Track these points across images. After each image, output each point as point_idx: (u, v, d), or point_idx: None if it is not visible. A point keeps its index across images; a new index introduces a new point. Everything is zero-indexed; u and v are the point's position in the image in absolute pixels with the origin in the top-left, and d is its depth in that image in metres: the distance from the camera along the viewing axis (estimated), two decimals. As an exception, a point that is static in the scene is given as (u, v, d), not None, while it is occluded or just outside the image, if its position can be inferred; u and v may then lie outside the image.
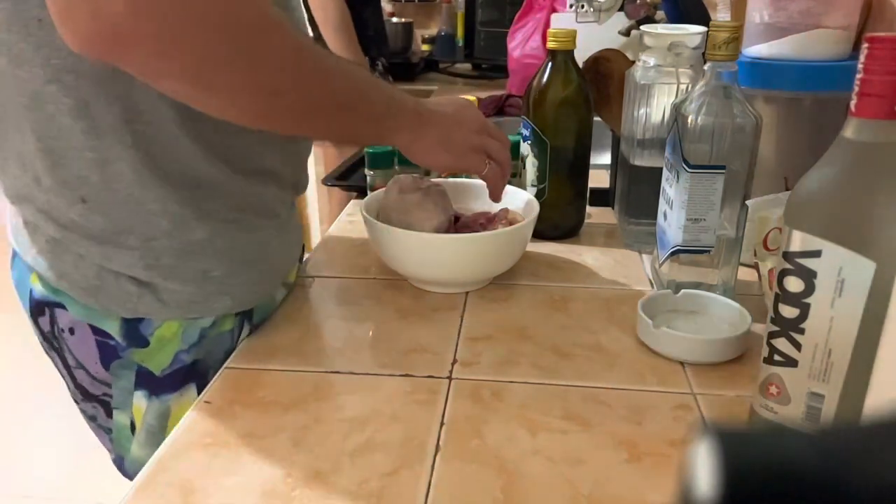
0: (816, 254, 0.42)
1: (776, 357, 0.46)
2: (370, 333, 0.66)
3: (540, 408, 0.54)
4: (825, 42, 0.72)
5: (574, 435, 0.51)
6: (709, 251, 0.67)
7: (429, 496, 0.46)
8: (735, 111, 0.62)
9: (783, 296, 0.45)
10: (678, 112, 0.65)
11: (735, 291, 0.69)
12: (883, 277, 0.40)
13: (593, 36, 1.06)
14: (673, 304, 0.66)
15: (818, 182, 0.43)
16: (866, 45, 0.39)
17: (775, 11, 0.74)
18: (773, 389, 0.47)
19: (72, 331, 0.61)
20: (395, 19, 2.57)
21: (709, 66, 0.63)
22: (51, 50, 0.51)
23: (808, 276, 0.43)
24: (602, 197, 0.97)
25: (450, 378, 0.59)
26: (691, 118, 0.63)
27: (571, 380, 0.58)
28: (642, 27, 0.79)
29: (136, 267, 0.58)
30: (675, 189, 0.65)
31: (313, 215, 2.27)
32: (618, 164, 0.89)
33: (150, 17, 0.43)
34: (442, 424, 0.53)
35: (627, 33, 1.19)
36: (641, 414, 0.54)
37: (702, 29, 0.74)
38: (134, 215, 0.56)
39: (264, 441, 0.51)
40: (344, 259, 0.83)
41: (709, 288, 0.68)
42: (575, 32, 0.82)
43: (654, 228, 0.74)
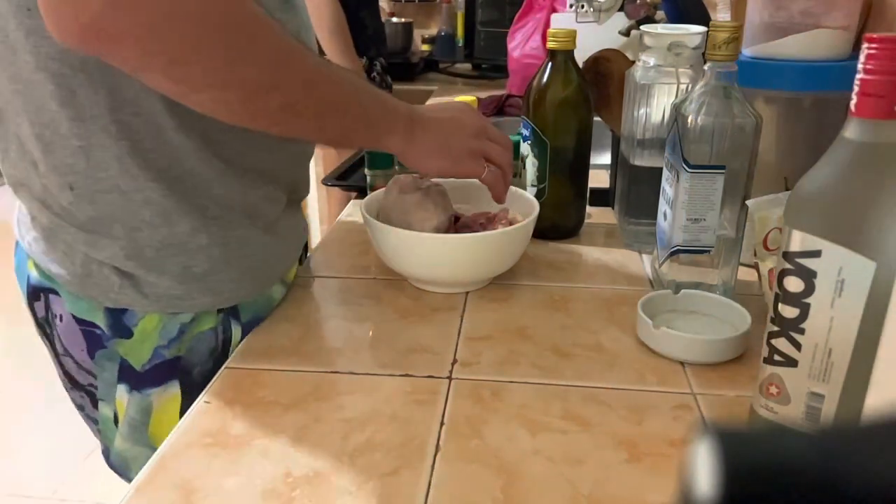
0: (816, 254, 0.42)
1: (776, 357, 0.46)
2: (370, 333, 0.66)
3: (540, 408, 0.54)
4: (825, 42, 0.72)
5: (574, 435, 0.51)
6: (709, 251, 0.67)
7: (429, 496, 0.46)
8: (735, 111, 0.62)
9: (783, 296, 0.45)
10: (678, 112, 0.65)
11: (735, 291, 0.69)
12: (883, 277, 0.40)
13: (593, 36, 1.06)
14: (673, 304, 0.66)
15: (818, 182, 0.43)
16: (866, 45, 0.39)
17: (775, 11, 0.74)
18: (773, 389, 0.47)
19: (61, 317, 0.63)
20: (395, 19, 2.57)
21: (709, 66, 0.63)
22: (39, 38, 0.52)
23: (808, 276, 0.43)
24: (602, 197, 0.97)
25: (450, 378, 0.59)
26: (691, 118, 0.63)
27: (571, 380, 0.58)
28: (642, 27, 0.79)
29: (119, 257, 0.59)
30: (675, 189, 0.65)
31: (313, 215, 2.27)
32: (618, 164, 0.89)
33: (130, 12, 0.44)
34: (442, 424, 0.53)
35: (627, 33, 1.19)
36: (641, 414, 0.54)
37: (702, 29, 0.74)
38: (119, 205, 0.57)
39: (264, 441, 0.51)
40: (344, 259, 0.83)
41: (709, 288, 0.68)
42: (575, 32, 0.82)
43: (654, 228, 0.74)
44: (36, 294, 0.64)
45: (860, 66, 0.39)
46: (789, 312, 0.44)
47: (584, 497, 0.45)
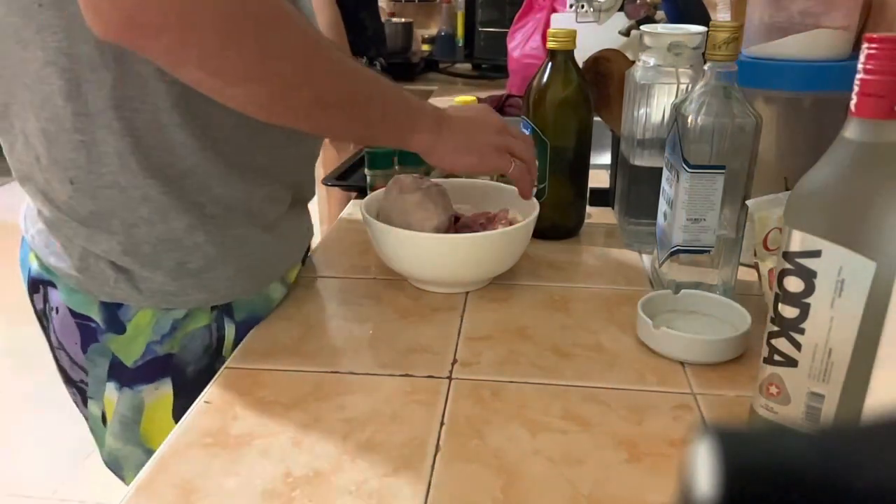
0: (816, 254, 0.42)
1: (776, 357, 0.46)
2: (370, 333, 0.66)
3: (540, 408, 0.54)
4: (825, 42, 0.72)
5: (574, 435, 0.51)
6: (709, 251, 0.67)
7: (429, 496, 0.46)
8: (735, 111, 0.62)
9: (783, 296, 0.45)
10: (678, 112, 0.65)
11: (735, 291, 0.69)
12: (883, 277, 0.40)
13: (593, 36, 1.06)
14: (673, 304, 0.66)
15: (818, 182, 0.43)
16: (866, 45, 0.39)
17: (775, 11, 0.74)
18: (773, 389, 0.47)
19: (57, 310, 0.63)
20: (395, 19, 2.57)
21: (709, 66, 0.63)
22: (48, 33, 0.53)
23: (808, 276, 0.43)
24: (602, 197, 0.97)
25: (450, 378, 0.59)
26: (691, 118, 0.63)
27: (571, 380, 0.58)
28: (642, 27, 0.79)
29: (116, 252, 0.59)
30: (675, 189, 0.65)
31: (313, 215, 2.27)
32: (618, 164, 0.89)
33: (166, 4, 0.44)
34: (442, 424, 0.53)
35: (627, 33, 1.19)
36: (641, 414, 0.54)
37: (702, 29, 0.74)
38: (118, 201, 0.58)
39: (264, 441, 0.51)
40: (344, 259, 0.83)
41: (709, 288, 0.68)
42: (575, 32, 0.82)
43: (654, 228, 0.74)
44: (35, 286, 0.65)
45: (860, 66, 0.39)
46: (789, 312, 0.44)
47: (584, 497, 0.45)
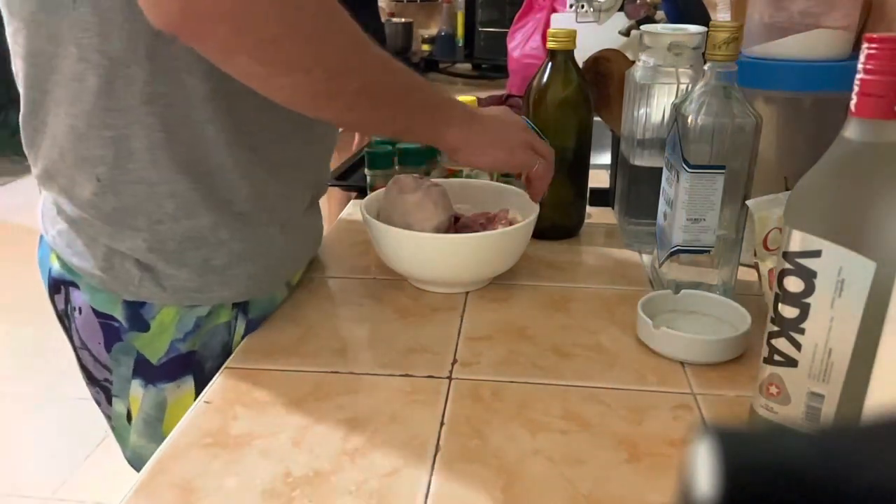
0: (816, 254, 0.42)
1: (776, 357, 0.46)
2: (370, 333, 0.66)
3: (540, 408, 0.54)
4: (825, 42, 0.72)
5: (574, 435, 0.51)
6: (709, 251, 0.67)
7: (429, 496, 0.46)
8: (735, 111, 0.62)
9: (783, 296, 0.45)
10: (678, 112, 0.65)
11: (735, 291, 0.69)
12: (883, 277, 0.40)
13: (593, 36, 1.06)
14: (673, 304, 0.66)
15: (818, 182, 0.43)
16: (866, 45, 0.39)
17: (775, 11, 0.74)
18: (773, 389, 0.47)
19: (80, 310, 0.63)
20: (395, 19, 2.57)
21: (709, 66, 0.63)
22: (81, 30, 0.53)
23: (808, 276, 0.43)
24: (602, 197, 0.97)
25: (450, 378, 0.59)
26: (691, 118, 0.63)
27: (571, 380, 0.58)
28: (642, 27, 0.79)
29: (141, 249, 0.59)
30: (675, 189, 0.66)
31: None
32: (618, 164, 0.89)
33: None
34: (442, 424, 0.53)
35: (627, 33, 1.19)
36: (641, 414, 0.54)
37: (702, 29, 0.74)
38: (144, 197, 0.58)
39: (264, 441, 0.51)
40: (344, 259, 0.83)
41: (709, 288, 0.68)
42: (575, 32, 0.82)
43: (654, 228, 0.74)
44: (56, 286, 0.65)
45: (860, 66, 0.39)
46: (789, 312, 0.44)
47: (584, 497, 0.45)
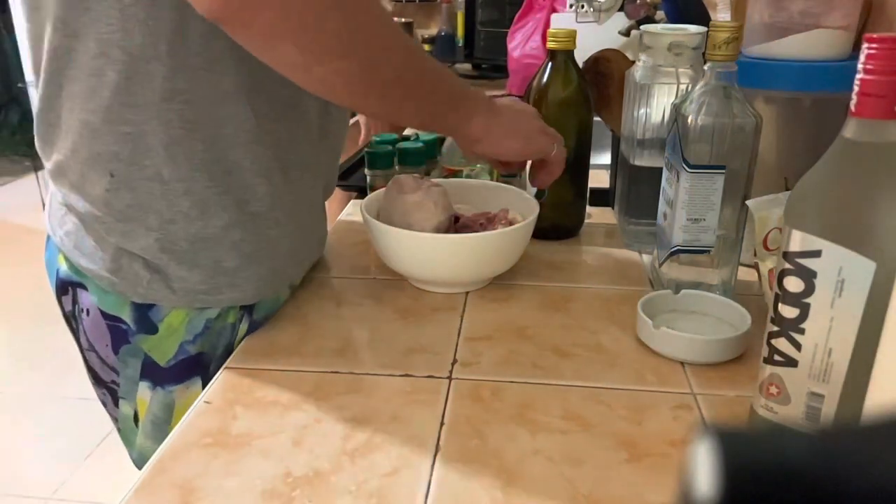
0: (816, 254, 0.42)
1: (776, 357, 0.46)
2: (370, 333, 0.66)
3: (540, 408, 0.54)
4: (825, 42, 0.72)
5: (574, 435, 0.51)
6: (709, 251, 0.67)
7: (429, 496, 0.46)
8: (735, 111, 0.62)
9: (783, 296, 0.45)
10: (678, 112, 0.65)
11: (735, 291, 0.69)
12: (883, 277, 0.40)
13: (593, 36, 1.06)
14: (673, 304, 0.66)
15: (818, 182, 0.43)
16: (866, 45, 0.39)
17: (775, 11, 0.74)
18: (773, 389, 0.47)
19: (88, 312, 0.63)
20: (395, 19, 2.57)
21: (709, 66, 0.63)
22: (102, 25, 0.53)
23: (808, 276, 0.43)
24: (602, 197, 0.97)
25: (450, 378, 0.59)
26: (691, 118, 0.63)
27: (571, 380, 0.58)
28: (642, 27, 0.79)
29: (152, 249, 0.59)
30: (675, 189, 0.66)
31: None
32: (618, 164, 0.89)
33: None
34: (442, 424, 0.53)
35: (627, 33, 1.19)
36: (641, 414, 0.54)
37: (702, 29, 0.74)
38: (157, 194, 0.57)
39: (264, 441, 0.51)
40: (344, 259, 0.83)
41: (709, 288, 0.68)
42: (575, 32, 0.82)
43: (654, 228, 0.74)
44: (64, 288, 0.64)
45: (860, 66, 0.39)
46: (789, 312, 0.44)
47: (584, 497, 0.45)
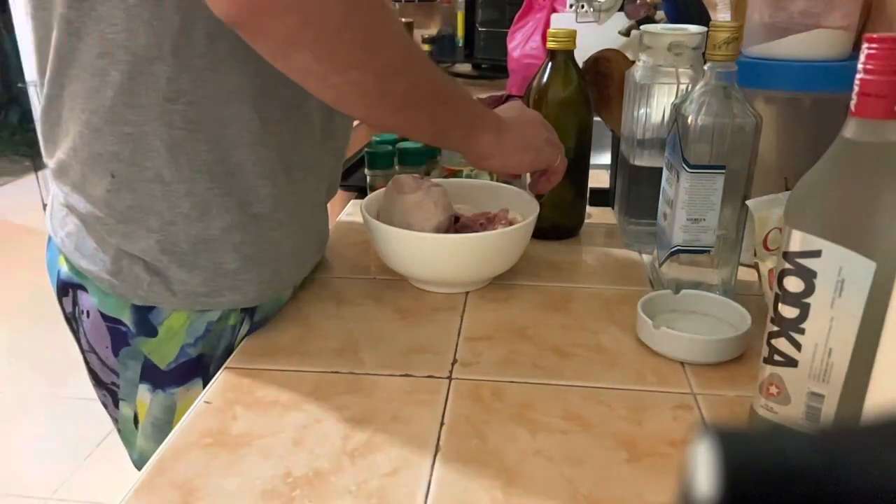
0: (816, 254, 0.42)
1: (776, 357, 0.46)
2: (370, 333, 0.66)
3: (540, 408, 0.54)
4: (825, 42, 0.72)
5: (574, 435, 0.51)
6: (709, 251, 0.67)
7: (429, 496, 0.46)
8: (735, 111, 0.62)
9: (783, 296, 0.45)
10: (678, 112, 0.65)
11: (735, 291, 0.69)
12: (883, 277, 0.40)
13: (593, 36, 1.06)
14: (673, 304, 0.66)
15: (818, 182, 0.43)
16: (866, 45, 0.39)
17: (775, 11, 0.74)
18: (773, 389, 0.47)
19: (88, 313, 0.63)
20: (396, 20, 2.57)
21: (709, 66, 0.63)
22: (107, 24, 0.53)
23: (808, 276, 0.43)
24: (602, 197, 0.97)
25: (450, 378, 0.59)
26: (691, 118, 0.63)
27: (571, 380, 0.58)
28: (642, 27, 0.79)
29: (153, 250, 0.59)
30: (675, 189, 0.66)
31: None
32: (618, 164, 0.89)
33: None
34: (442, 424, 0.53)
35: (627, 33, 1.19)
36: (641, 414, 0.54)
37: (702, 29, 0.74)
38: (158, 195, 0.57)
39: (264, 441, 0.51)
40: (344, 259, 0.83)
41: (709, 288, 0.68)
42: (575, 32, 0.82)
43: (654, 228, 0.74)
44: (65, 289, 0.64)
45: (860, 66, 0.39)
46: (789, 312, 0.44)
47: (584, 497, 0.45)
